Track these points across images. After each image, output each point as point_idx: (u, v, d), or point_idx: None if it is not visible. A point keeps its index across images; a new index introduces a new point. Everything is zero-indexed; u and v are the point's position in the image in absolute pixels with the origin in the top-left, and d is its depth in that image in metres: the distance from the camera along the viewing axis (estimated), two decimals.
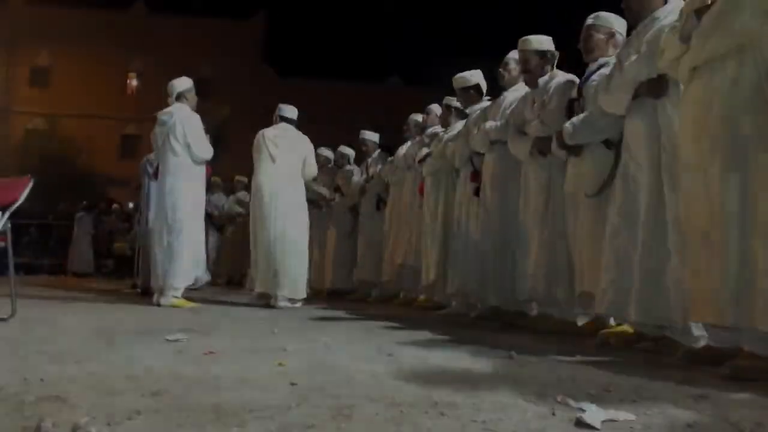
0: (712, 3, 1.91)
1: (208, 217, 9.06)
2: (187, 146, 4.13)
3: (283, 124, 4.63)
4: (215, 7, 23.80)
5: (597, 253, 2.65)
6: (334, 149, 6.71)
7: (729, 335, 1.99)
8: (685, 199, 2.05)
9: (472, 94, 4.07)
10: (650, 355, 2.26)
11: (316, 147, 5.08)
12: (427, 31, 39.77)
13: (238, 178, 8.94)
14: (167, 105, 4.31)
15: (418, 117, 5.25)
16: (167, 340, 2.25)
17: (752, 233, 1.81)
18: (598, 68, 2.82)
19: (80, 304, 4.03)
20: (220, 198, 9.02)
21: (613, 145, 2.68)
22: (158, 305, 3.95)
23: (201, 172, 4.28)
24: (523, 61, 3.29)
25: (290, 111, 4.70)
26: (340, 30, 39.05)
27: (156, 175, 4.21)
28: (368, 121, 11.20)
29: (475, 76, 4.10)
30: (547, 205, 3.12)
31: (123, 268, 11.81)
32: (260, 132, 4.63)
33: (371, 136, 6.00)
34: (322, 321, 3.36)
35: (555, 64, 3.27)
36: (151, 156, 5.28)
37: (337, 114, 22.01)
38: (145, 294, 4.79)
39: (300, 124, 4.87)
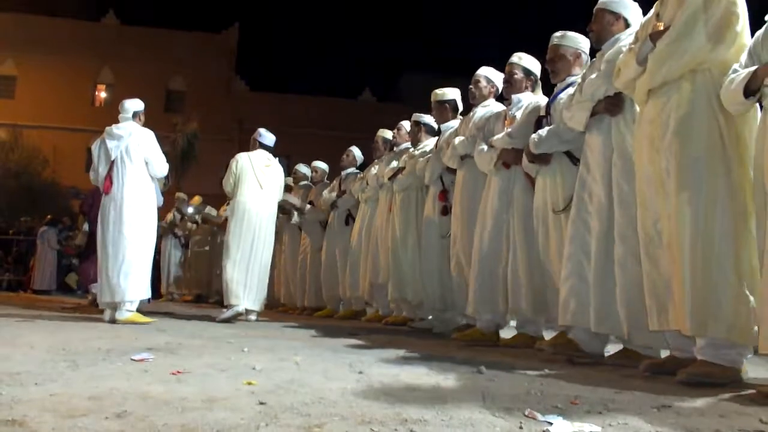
0: (665, 29, 2.02)
1: (173, 234, 8.96)
2: (146, 162, 4.18)
3: (264, 152, 4.95)
4: (188, 20, 23.73)
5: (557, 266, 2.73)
6: (306, 162, 6.71)
7: (691, 346, 2.07)
8: (642, 213, 2.13)
9: (447, 108, 4.19)
10: (616, 367, 2.32)
11: (288, 161, 5.14)
12: (400, 48, 40.35)
13: (193, 201, 8.97)
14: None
15: (387, 134, 5.27)
16: (132, 359, 2.20)
17: (706, 246, 1.90)
18: (566, 87, 2.91)
19: (41, 322, 3.89)
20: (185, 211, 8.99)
21: (578, 159, 2.76)
22: (113, 322, 3.91)
23: (155, 187, 4.32)
24: (509, 73, 3.37)
25: (269, 139, 5.03)
26: (313, 45, 39.25)
27: (107, 189, 4.13)
28: (340, 137, 11.21)
29: (452, 93, 4.23)
30: (507, 217, 3.19)
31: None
32: (245, 155, 4.87)
33: (357, 152, 5.98)
34: (292, 338, 3.32)
35: (535, 89, 3.38)
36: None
37: (309, 128, 22.00)
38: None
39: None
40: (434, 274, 4.03)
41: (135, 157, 4.15)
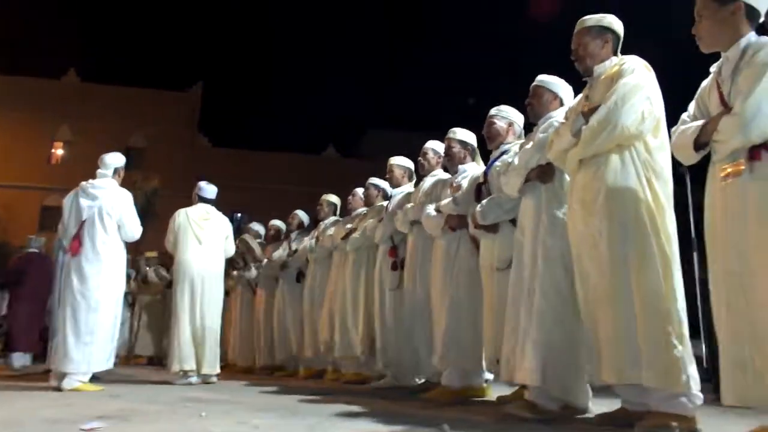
0: (596, 107, 2.24)
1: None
2: (119, 225, 3.97)
3: (205, 205, 4.83)
4: (152, 79, 23.90)
5: (503, 322, 2.83)
6: (266, 221, 6.75)
7: (639, 398, 2.15)
8: (579, 274, 2.29)
9: (404, 174, 4.51)
10: (564, 421, 2.36)
11: (251, 217, 5.16)
12: (364, 105, 41.53)
13: (148, 254, 8.79)
14: (95, 176, 4.10)
15: (331, 197, 5.61)
16: (81, 429, 2.11)
17: (638, 301, 2.06)
18: (501, 155, 3.17)
19: None
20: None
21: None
22: (59, 390, 3.66)
23: (124, 251, 4.09)
24: (447, 147, 3.72)
25: (210, 192, 4.92)
26: (277, 102, 39.99)
27: (75, 250, 3.84)
28: (303, 193, 11.30)
29: (409, 162, 4.56)
30: (453, 275, 3.39)
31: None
32: (183, 211, 4.76)
33: (302, 215, 6.17)
34: (251, 400, 3.25)
35: (474, 157, 3.70)
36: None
37: (272, 184, 22.04)
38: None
39: (233, 194, 4.96)
40: (388, 328, 4.12)
41: (108, 220, 3.90)
